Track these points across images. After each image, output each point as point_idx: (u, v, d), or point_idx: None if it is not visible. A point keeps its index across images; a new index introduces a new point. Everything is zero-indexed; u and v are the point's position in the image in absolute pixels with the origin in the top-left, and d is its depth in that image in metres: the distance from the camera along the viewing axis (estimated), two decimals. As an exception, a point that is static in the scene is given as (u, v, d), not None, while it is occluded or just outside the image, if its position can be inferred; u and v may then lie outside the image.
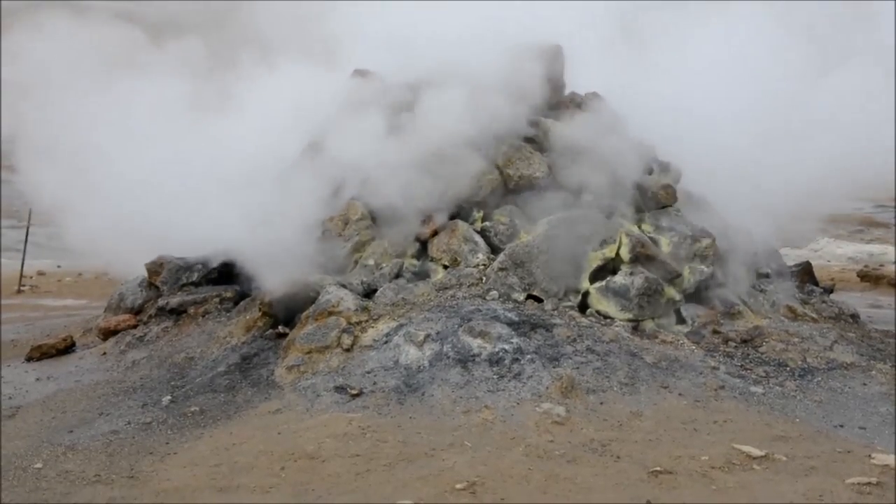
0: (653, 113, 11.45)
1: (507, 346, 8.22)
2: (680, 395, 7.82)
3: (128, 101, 11.55)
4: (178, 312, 10.40)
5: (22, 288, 17.26)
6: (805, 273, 11.95)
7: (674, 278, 9.85)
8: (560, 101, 11.62)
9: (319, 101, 10.93)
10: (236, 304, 10.25)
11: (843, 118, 12.23)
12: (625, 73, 12.06)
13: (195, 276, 10.94)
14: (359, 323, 8.87)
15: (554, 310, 9.15)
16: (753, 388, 8.02)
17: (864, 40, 13.15)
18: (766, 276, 10.98)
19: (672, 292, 9.77)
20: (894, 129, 11.71)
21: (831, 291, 12.07)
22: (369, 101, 10.79)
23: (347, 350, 8.50)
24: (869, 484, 6.06)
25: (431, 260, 10.02)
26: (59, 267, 20.02)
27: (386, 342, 8.51)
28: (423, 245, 10.18)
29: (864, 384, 8.26)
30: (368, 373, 8.13)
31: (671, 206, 10.73)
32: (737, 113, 11.92)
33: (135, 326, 10.51)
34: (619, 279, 9.54)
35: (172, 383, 8.68)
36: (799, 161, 12.04)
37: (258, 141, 10.65)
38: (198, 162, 10.55)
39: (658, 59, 12.68)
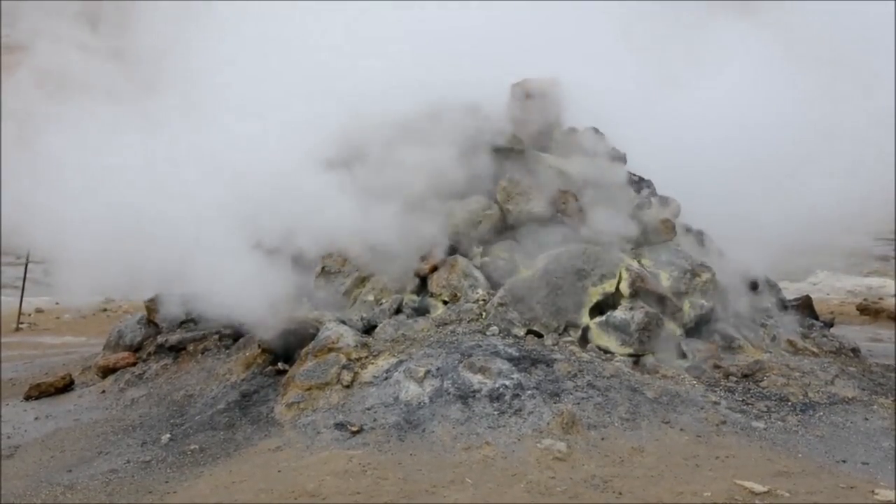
0: (651, 147, 11.51)
1: (507, 382, 8.20)
2: (681, 430, 7.78)
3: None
4: (177, 350, 10.39)
5: (21, 325, 17.24)
6: (805, 307, 11.94)
7: (674, 313, 9.85)
8: (559, 135, 11.67)
9: (317, 134, 10.93)
10: (235, 340, 10.23)
11: (840, 149, 12.27)
12: (623, 106, 12.09)
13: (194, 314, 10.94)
14: (359, 359, 8.84)
15: (554, 345, 9.14)
16: (755, 423, 7.99)
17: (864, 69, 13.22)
18: (766, 309, 10.98)
19: (672, 327, 9.76)
20: (894, 161, 11.74)
21: (831, 325, 12.06)
22: (368, 135, 10.83)
23: (347, 386, 8.47)
24: (873, 520, 6.04)
25: (431, 295, 10.01)
26: (57, 304, 19.98)
27: (386, 378, 8.49)
28: (423, 281, 10.19)
29: (866, 419, 8.23)
30: (368, 409, 8.10)
31: (671, 239, 10.75)
32: (735, 147, 11.98)
33: (134, 364, 10.49)
34: (619, 314, 9.52)
35: (172, 421, 8.65)
36: (797, 194, 12.08)
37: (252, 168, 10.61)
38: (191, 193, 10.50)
39: (656, 92, 12.74)
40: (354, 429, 7.77)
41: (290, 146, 10.70)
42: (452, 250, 10.25)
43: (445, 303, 9.84)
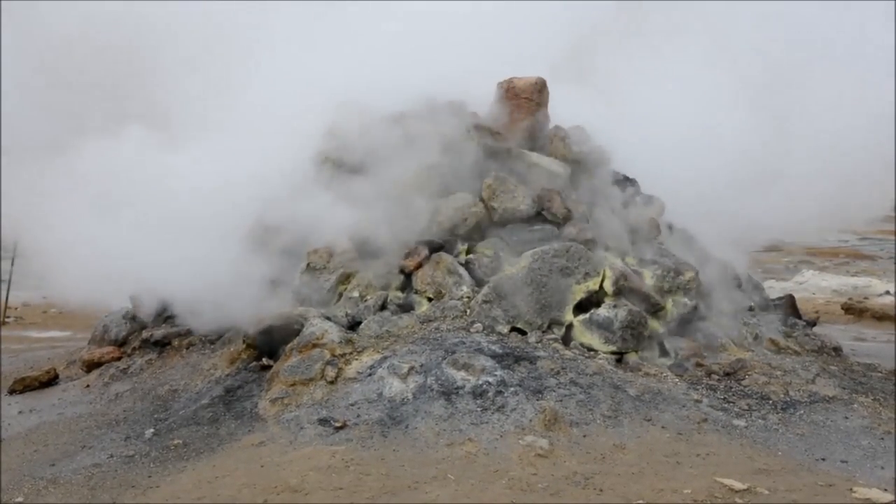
0: (635, 145, 11.55)
1: (490, 379, 8.22)
2: (663, 427, 7.83)
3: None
4: (162, 344, 10.39)
5: (7, 319, 17.18)
6: (788, 306, 11.99)
7: (657, 311, 9.90)
8: (544, 134, 11.70)
9: (304, 131, 10.95)
10: (221, 336, 10.23)
11: (826, 148, 12.32)
12: (605, 105, 12.14)
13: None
14: (343, 355, 8.86)
15: (538, 342, 9.17)
16: (736, 422, 8.04)
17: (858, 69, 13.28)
18: (750, 308, 11.04)
19: (656, 325, 9.82)
20: (894, 156, 11.79)
21: (814, 324, 12.13)
22: (354, 132, 10.85)
23: (331, 382, 8.48)
24: (850, 517, 6.09)
25: (416, 292, 10.03)
26: (44, 298, 19.90)
27: (370, 374, 8.50)
28: (408, 277, 10.20)
29: (846, 417, 8.30)
30: (352, 405, 8.12)
31: (655, 238, 10.80)
32: (718, 145, 12.02)
33: (119, 359, 10.49)
34: (602, 312, 9.57)
35: (156, 416, 8.66)
36: (782, 193, 12.13)
37: (239, 171, 10.62)
38: (178, 195, 10.50)
39: (638, 91, 12.77)
40: (338, 424, 7.79)
41: (277, 142, 10.72)
42: (438, 247, 10.27)
43: (430, 300, 9.86)
